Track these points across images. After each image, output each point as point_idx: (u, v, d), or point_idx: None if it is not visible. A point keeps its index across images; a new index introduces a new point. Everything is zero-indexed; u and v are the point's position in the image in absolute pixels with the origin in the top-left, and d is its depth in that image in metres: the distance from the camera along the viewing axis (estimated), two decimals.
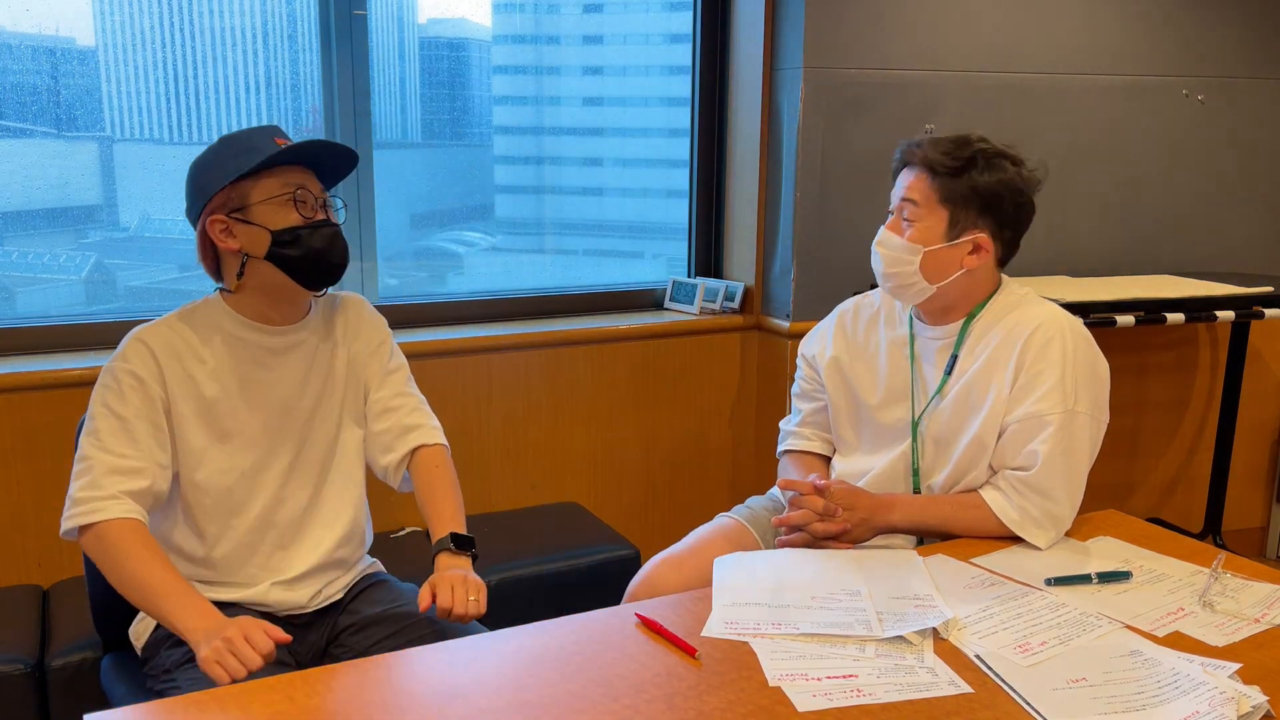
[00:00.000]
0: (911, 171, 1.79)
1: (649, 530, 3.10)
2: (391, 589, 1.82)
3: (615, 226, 3.32)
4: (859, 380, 1.94)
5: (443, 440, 1.86)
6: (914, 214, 1.77)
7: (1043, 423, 1.70)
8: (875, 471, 1.89)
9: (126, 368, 1.65)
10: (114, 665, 1.80)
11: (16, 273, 2.60)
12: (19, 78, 2.48)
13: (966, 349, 1.82)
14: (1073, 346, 1.74)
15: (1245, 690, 1.23)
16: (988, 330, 1.81)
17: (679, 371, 3.06)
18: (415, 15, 2.93)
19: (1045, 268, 3.23)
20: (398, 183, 2.91)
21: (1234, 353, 3.32)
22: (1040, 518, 1.71)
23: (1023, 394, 1.73)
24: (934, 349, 1.86)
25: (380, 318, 1.90)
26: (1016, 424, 1.73)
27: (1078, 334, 1.76)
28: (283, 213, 1.65)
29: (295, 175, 1.67)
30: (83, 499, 1.60)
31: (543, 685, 1.25)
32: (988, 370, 1.78)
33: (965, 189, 1.74)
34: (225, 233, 1.66)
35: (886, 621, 1.41)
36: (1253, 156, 3.41)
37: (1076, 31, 3.12)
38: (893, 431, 1.89)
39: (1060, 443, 1.70)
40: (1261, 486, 3.71)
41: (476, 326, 2.90)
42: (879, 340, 1.94)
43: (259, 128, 1.70)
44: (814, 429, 2.04)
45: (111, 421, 1.63)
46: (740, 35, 3.06)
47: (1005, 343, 1.77)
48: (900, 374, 1.89)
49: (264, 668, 1.42)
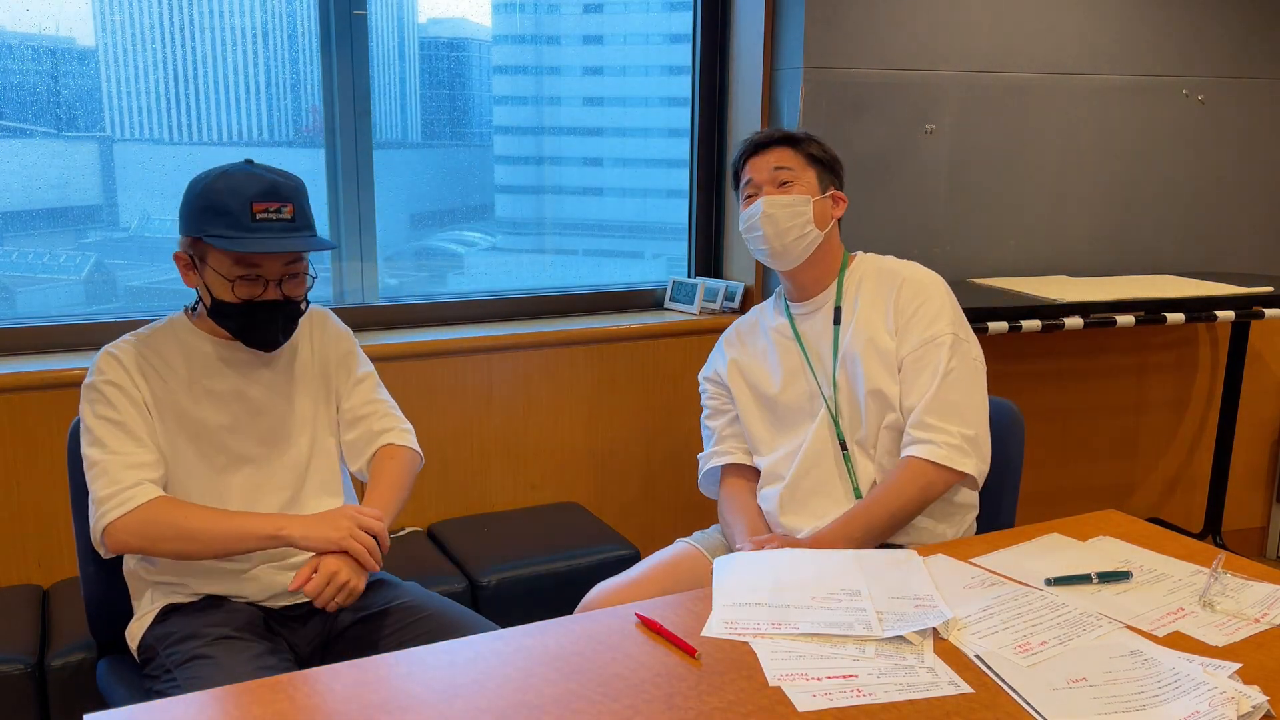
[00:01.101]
0: (770, 151, 1.97)
1: (649, 530, 3.10)
2: (393, 587, 1.82)
3: (615, 226, 3.32)
4: (757, 376, 2.04)
5: (411, 443, 1.90)
6: (791, 176, 1.95)
7: (937, 344, 1.87)
8: (805, 447, 1.94)
9: (104, 379, 1.69)
10: (111, 669, 1.80)
11: (16, 273, 2.60)
12: (19, 78, 2.48)
13: (846, 301, 1.97)
14: (939, 284, 1.93)
15: (1245, 690, 1.23)
16: (856, 284, 1.98)
17: (679, 371, 3.06)
18: (415, 15, 2.93)
19: (1045, 268, 3.24)
20: (398, 183, 2.91)
21: (1234, 353, 3.32)
22: (961, 443, 1.82)
23: (911, 326, 1.89)
24: (817, 319, 1.99)
25: (346, 328, 1.92)
26: (913, 353, 1.88)
27: (937, 277, 1.96)
28: (226, 286, 1.67)
29: (256, 256, 1.65)
30: (108, 495, 1.63)
31: (543, 685, 1.25)
32: (868, 312, 1.93)
33: (818, 154, 1.98)
34: (188, 269, 1.72)
35: (886, 621, 1.41)
36: (1253, 156, 3.41)
37: (1076, 31, 3.12)
38: (802, 408, 1.98)
39: (959, 362, 1.86)
40: (1261, 486, 3.71)
41: (476, 326, 2.90)
42: (762, 338, 2.07)
43: (251, 177, 1.65)
44: (731, 441, 2.09)
45: (109, 427, 1.67)
46: (740, 35, 3.06)
47: (878, 287, 1.95)
48: (792, 355, 2.00)
49: (264, 672, 1.43)
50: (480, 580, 2.44)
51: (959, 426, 1.83)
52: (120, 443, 1.66)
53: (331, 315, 1.91)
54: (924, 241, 3.08)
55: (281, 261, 1.68)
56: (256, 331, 1.71)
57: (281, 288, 1.69)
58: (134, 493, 1.64)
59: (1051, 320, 2.72)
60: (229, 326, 1.71)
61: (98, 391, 1.68)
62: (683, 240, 3.26)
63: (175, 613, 1.70)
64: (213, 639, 1.62)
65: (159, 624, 1.70)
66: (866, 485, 1.91)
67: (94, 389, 1.69)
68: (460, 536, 2.67)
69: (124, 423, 1.67)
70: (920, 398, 1.85)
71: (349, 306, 2.83)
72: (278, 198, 1.65)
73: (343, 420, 1.87)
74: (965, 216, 3.12)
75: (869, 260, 2.02)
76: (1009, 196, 3.15)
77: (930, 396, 1.84)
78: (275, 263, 1.67)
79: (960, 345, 1.88)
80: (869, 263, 2.01)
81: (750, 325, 2.11)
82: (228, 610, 1.69)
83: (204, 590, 1.72)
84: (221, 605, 1.70)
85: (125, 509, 1.62)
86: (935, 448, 1.83)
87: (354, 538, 1.63)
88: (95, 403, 1.68)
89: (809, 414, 1.97)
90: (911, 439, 1.86)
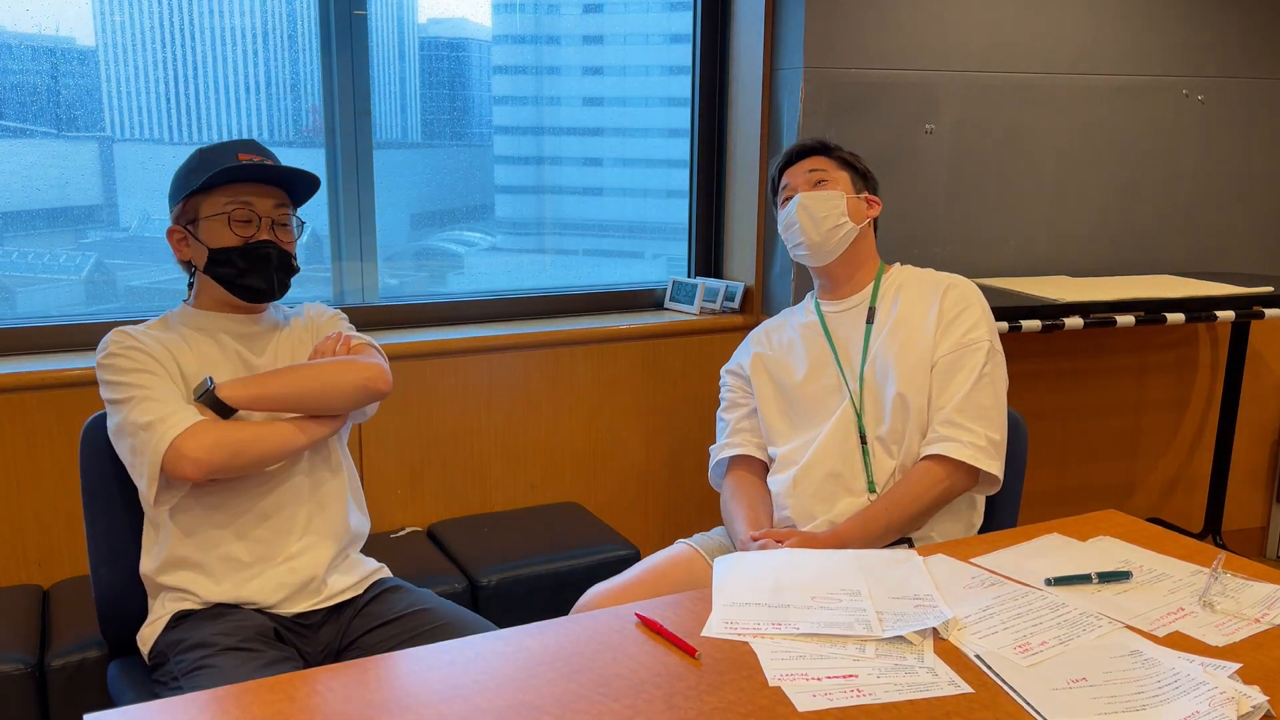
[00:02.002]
0: (804, 159, 2.08)
1: (648, 530, 3.10)
2: (408, 593, 1.82)
3: (615, 226, 3.32)
4: (780, 367, 2.08)
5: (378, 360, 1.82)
6: (825, 175, 2.04)
7: (975, 348, 1.91)
8: (822, 437, 1.96)
9: (121, 347, 1.68)
10: (122, 671, 1.79)
11: (16, 273, 2.60)
12: (19, 78, 2.48)
13: (882, 303, 2.02)
14: (982, 297, 1.99)
15: (1245, 690, 1.23)
16: (895, 288, 2.03)
17: (679, 371, 3.06)
18: (415, 15, 2.93)
19: (1045, 268, 3.24)
20: (398, 183, 2.91)
21: (1234, 353, 3.32)
22: (986, 445, 1.85)
23: (951, 329, 1.93)
24: (847, 318, 2.05)
25: (337, 310, 1.96)
26: (950, 354, 1.92)
27: (979, 290, 2.02)
28: (222, 230, 1.71)
29: (245, 192, 1.72)
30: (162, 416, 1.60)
31: (543, 685, 1.25)
32: (908, 314, 1.98)
33: (850, 160, 2.08)
34: (182, 242, 1.76)
35: (886, 621, 1.41)
36: (1252, 156, 3.41)
37: (1076, 31, 3.12)
38: (824, 399, 2.00)
39: (992, 368, 1.91)
40: (1261, 486, 3.71)
41: (476, 326, 2.90)
42: (791, 333, 2.11)
43: (232, 142, 1.76)
44: (745, 434, 2.11)
45: (141, 376, 1.65)
46: (740, 35, 3.06)
47: (921, 291, 2.00)
48: (818, 348, 2.04)
49: (265, 670, 1.42)
50: (480, 580, 2.44)
51: (985, 429, 1.87)
52: (155, 382, 1.65)
53: (323, 305, 1.96)
54: (924, 241, 3.08)
55: (272, 202, 1.74)
56: (254, 274, 1.73)
57: (274, 231, 1.74)
58: (191, 412, 1.62)
59: (1051, 320, 2.72)
60: (227, 275, 1.73)
61: (115, 356, 1.66)
62: (683, 240, 3.26)
63: (186, 619, 1.69)
64: (222, 648, 1.60)
65: (170, 630, 1.69)
66: (883, 481, 1.92)
67: (110, 356, 1.67)
68: (460, 536, 2.67)
69: (152, 372, 1.66)
70: (952, 398, 1.89)
71: (349, 306, 2.83)
72: (259, 151, 1.75)
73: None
74: (965, 216, 3.12)
75: (907, 270, 2.08)
76: (1009, 196, 3.15)
77: (963, 397, 1.88)
78: (266, 200, 1.73)
79: (994, 355, 1.94)
80: (907, 272, 2.07)
81: (779, 324, 2.17)
82: (238, 619, 1.67)
83: (213, 599, 1.70)
84: (232, 614, 1.69)
85: (187, 423, 1.59)
86: (962, 446, 1.86)
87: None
88: (115, 368, 1.66)
89: (830, 407, 1.99)
90: (939, 435, 1.89)
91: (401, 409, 2.73)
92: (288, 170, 1.74)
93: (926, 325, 1.95)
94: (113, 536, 1.78)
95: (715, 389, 3.11)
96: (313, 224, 2.83)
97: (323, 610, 1.76)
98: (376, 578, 1.85)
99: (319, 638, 1.75)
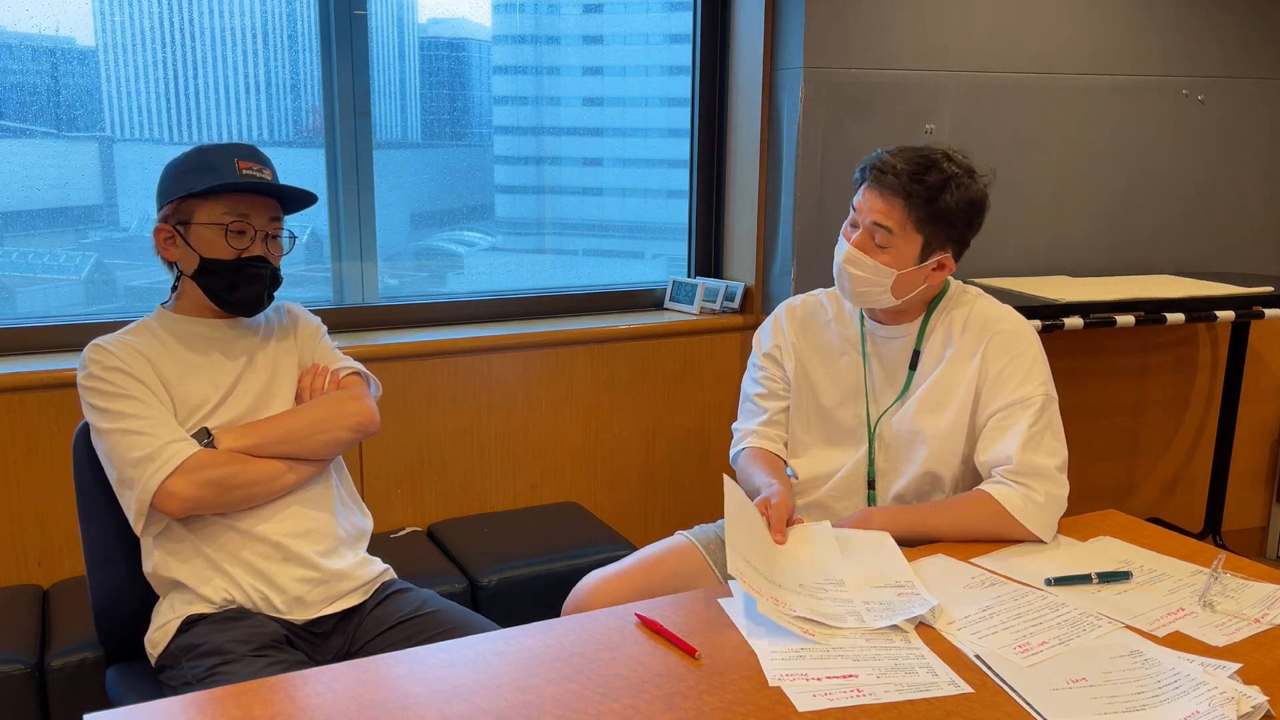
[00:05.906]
0: (883, 195, 1.78)
1: (648, 530, 3.10)
2: (413, 595, 1.82)
3: (615, 226, 3.32)
4: (818, 378, 1.96)
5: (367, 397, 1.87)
6: (886, 240, 1.78)
7: (1027, 405, 1.77)
8: (836, 479, 1.91)
9: (101, 368, 1.68)
10: (121, 676, 1.77)
11: (16, 273, 2.60)
12: (19, 78, 2.48)
13: (928, 345, 1.87)
14: (1033, 339, 1.84)
15: (1245, 690, 1.23)
16: (946, 325, 1.87)
17: (679, 371, 3.06)
18: (415, 15, 2.93)
19: (1045, 268, 3.24)
20: (398, 183, 2.91)
21: (1234, 353, 3.32)
22: (1045, 502, 1.71)
23: (1000, 384, 1.79)
24: (892, 348, 1.90)
25: (316, 319, 1.96)
26: (1001, 412, 1.78)
27: (1031, 329, 1.86)
28: (216, 241, 1.71)
29: (243, 204, 1.72)
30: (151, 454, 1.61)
31: (543, 685, 1.25)
32: (954, 365, 1.83)
33: (939, 213, 1.77)
34: (169, 242, 1.75)
35: (874, 612, 1.42)
36: (1253, 157, 3.41)
37: (1076, 31, 3.12)
38: (848, 433, 1.92)
39: (1049, 423, 1.77)
40: (1261, 486, 3.71)
41: (476, 326, 2.90)
42: (833, 340, 1.97)
43: (232, 145, 1.75)
44: (778, 429, 2.01)
45: (125, 402, 1.66)
46: (740, 35, 3.06)
47: (968, 337, 1.84)
48: (853, 373, 1.93)
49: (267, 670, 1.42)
50: (480, 580, 2.44)
51: (1048, 484, 1.73)
52: (142, 408, 1.65)
53: (303, 309, 1.96)
54: None
55: (267, 215, 1.75)
56: (244, 287, 1.74)
57: (266, 244, 1.75)
58: (180, 446, 1.63)
59: (1051, 320, 2.72)
60: (216, 285, 1.73)
61: (98, 380, 1.67)
62: (683, 240, 3.26)
63: (199, 623, 1.68)
64: (236, 656, 1.60)
65: (182, 634, 1.68)
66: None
67: (92, 378, 1.67)
68: (460, 536, 2.67)
69: (137, 397, 1.66)
70: (1006, 454, 1.75)
71: (349, 306, 2.83)
72: (259, 161, 1.74)
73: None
74: None
75: (965, 300, 1.89)
76: (1009, 196, 3.15)
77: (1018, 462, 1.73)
78: (262, 214, 1.74)
79: (1051, 405, 1.79)
80: (964, 305, 1.88)
81: (824, 322, 1.99)
82: (252, 625, 1.67)
83: (222, 595, 1.70)
84: (245, 619, 1.68)
85: (177, 461, 1.61)
86: (1016, 498, 1.72)
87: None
88: (99, 391, 1.66)
89: (849, 442, 1.92)
90: (1002, 480, 1.75)
91: (401, 409, 2.73)
92: (300, 192, 1.75)
93: (964, 386, 1.82)
94: (108, 541, 1.77)
95: (715, 389, 3.12)
96: (313, 224, 2.83)
97: (333, 616, 1.76)
98: (382, 580, 1.85)
99: (329, 645, 1.75)
